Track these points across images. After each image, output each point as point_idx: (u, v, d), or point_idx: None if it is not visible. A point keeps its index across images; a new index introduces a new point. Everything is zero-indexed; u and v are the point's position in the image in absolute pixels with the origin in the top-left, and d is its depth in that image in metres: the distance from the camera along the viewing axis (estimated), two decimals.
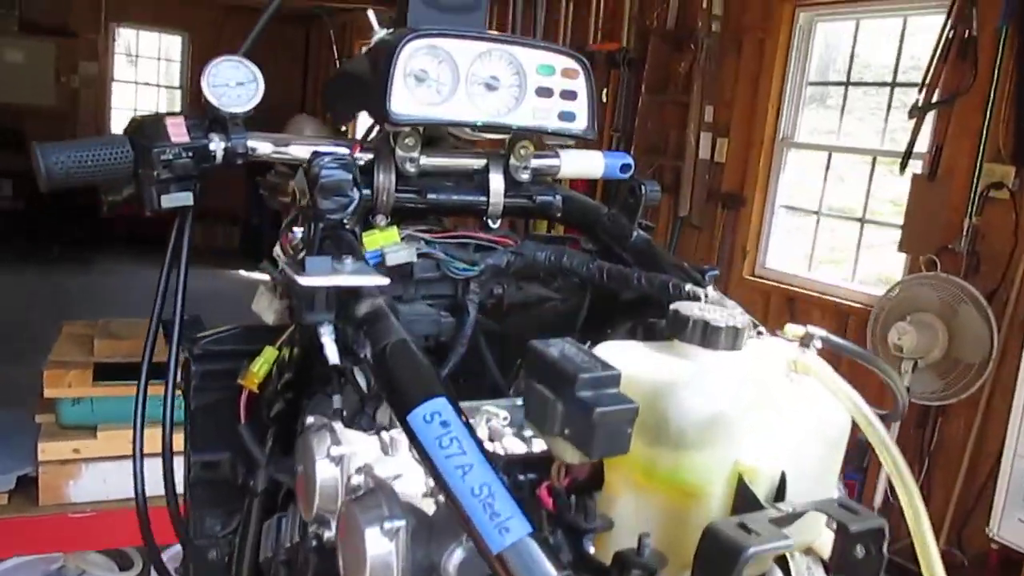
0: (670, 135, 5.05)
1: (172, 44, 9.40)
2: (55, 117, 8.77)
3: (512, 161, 1.22)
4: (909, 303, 3.44)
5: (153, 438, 1.29)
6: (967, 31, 3.58)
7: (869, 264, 4.32)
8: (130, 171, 1.07)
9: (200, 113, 1.11)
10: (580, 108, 1.18)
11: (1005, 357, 3.31)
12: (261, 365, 1.23)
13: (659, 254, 1.20)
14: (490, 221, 1.23)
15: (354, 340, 0.99)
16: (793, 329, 0.85)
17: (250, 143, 1.12)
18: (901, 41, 4.05)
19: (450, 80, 1.10)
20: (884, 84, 4.19)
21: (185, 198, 1.09)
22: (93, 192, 1.15)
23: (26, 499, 2.60)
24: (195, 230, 1.20)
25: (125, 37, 9.17)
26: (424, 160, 1.17)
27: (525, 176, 1.23)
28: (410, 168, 1.15)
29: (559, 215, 1.29)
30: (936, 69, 3.65)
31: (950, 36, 3.61)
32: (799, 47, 4.38)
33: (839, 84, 4.40)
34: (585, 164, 1.29)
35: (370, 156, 1.16)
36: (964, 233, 3.58)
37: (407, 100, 1.08)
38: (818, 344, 0.83)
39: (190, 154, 1.06)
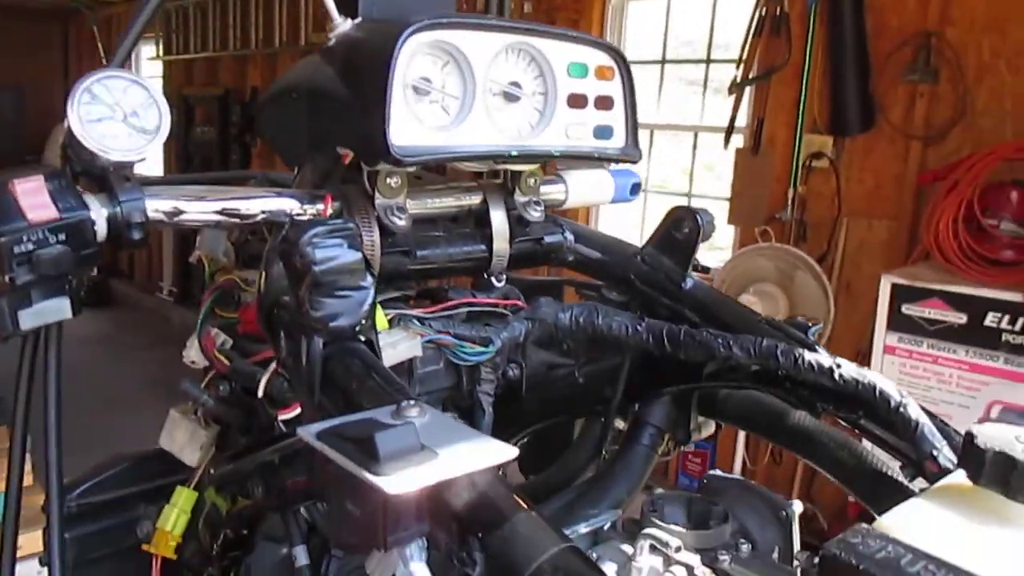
0: None
1: None
2: None
3: (519, 196, 0.89)
4: (748, 274, 3.47)
5: None
6: (778, 8, 3.65)
7: None
8: None
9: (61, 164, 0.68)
10: (617, 120, 0.87)
11: (837, 315, 3.42)
12: (176, 517, 0.83)
13: (725, 304, 0.92)
14: (494, 279, 0.90)
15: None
16: None
17: (151, 204, 0.70)
18: (713, 19, 4.08)
19: (461, 90, 0.76)
20: (700, 61, 4.20)
21: (59, 308, 0.66)
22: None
23: None
24: None
25: None
26: (410, 204, 0.82)
27: (536, 215, 0.90)
28: (397, 221, 0.79)
29: (571, 258, 0.97)
30: (751, 46, 3.72)
31: (762, 14, 3.68)
32: (613, 27, 4.33)
33: (656, 63, 4.35)
34: (594, 188, 0.97)
35: (337, 207, 0.79)
36: (789, 202, 3.71)
37: (410, 125, 0.73)
38: None
39: (62, 237, 0.64)
